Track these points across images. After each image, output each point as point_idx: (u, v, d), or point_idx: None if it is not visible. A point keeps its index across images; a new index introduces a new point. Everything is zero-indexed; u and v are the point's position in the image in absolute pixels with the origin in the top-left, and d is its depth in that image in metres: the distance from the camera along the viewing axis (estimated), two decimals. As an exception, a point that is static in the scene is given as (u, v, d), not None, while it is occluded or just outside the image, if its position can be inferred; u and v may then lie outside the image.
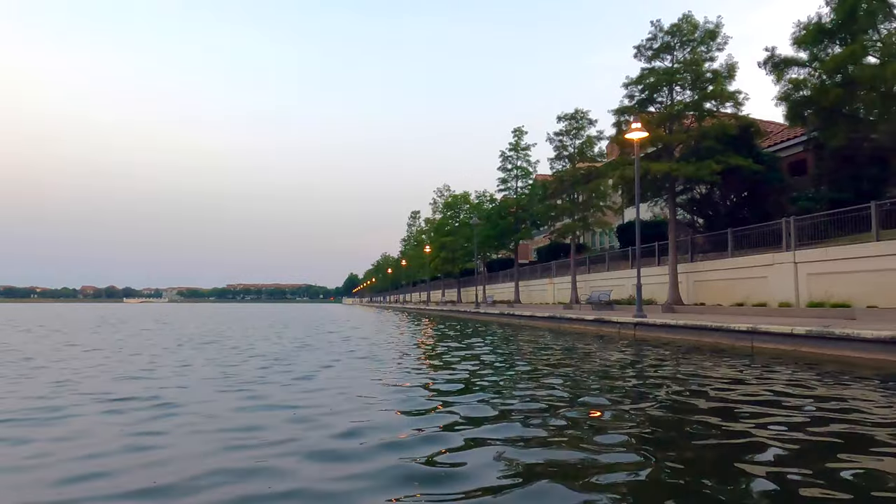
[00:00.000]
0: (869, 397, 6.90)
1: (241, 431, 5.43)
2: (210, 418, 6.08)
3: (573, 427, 5.59)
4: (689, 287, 23.62)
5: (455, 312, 44.29)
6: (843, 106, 14.23)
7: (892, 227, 16.05)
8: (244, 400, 7.18)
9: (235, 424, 5.76)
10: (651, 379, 8.76)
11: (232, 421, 5.94)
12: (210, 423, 5.86)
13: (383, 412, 6.39)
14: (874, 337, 9.98)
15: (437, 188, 65.85)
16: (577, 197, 32.63)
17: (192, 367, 10.89)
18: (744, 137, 22.95)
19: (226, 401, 7.13)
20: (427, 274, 72.07)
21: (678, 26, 22.56)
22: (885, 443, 4.83)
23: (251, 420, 5.96)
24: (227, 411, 6.47)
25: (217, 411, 6.46)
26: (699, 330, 14.72)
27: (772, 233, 20.11)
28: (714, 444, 4.90)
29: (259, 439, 5.12)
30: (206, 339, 19.06)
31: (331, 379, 9.14)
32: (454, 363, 11.32)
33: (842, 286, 16.50)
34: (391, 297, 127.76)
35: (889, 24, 13.95)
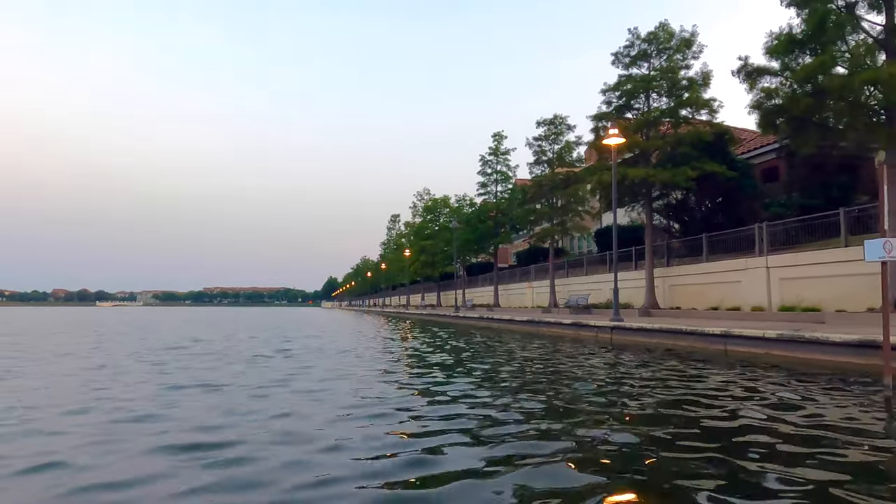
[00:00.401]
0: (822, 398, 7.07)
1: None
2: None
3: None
4: (665, 291, 23.93)
5: (434, 316, 44.26)
6: (814, 114, 14.52)
7: (860, 233, 16.46)
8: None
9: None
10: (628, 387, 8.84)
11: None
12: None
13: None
14: (842, 340, 10.22)
15: (418, 192, 65.86)
16: (555, 201, 32.87)
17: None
18: (718, 144, 23.38)
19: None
20: (407, 278, 71.92)
21: (655, 34, 22.90)
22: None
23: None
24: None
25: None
26: (674, 334, 14.93)
27: (745, 238, 20.50)
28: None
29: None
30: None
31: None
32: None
33: (812, 291, 16.88)
34: (371, 300, 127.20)
35: (857, 36, 14.30)
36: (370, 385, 8.87)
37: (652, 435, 5.38)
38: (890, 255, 7.19)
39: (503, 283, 45.69)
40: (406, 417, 6.38)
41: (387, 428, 5.79)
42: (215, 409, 6.82)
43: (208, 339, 20.84)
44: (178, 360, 13.21)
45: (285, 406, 7.02)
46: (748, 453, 4.68)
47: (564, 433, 5.50)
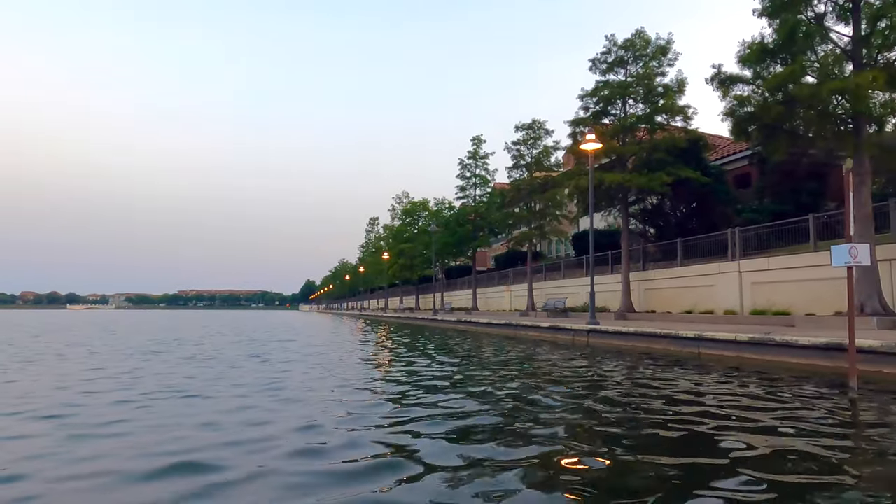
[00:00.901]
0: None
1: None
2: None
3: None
4: (640, 295, 24.22)
5: (413, 319, 44.17)
6: (784, 122, 14.84)
7: (828, 238, 16.88)
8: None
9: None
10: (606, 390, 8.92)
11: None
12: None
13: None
14: (810, 343, 10.45)
15: (396, 195, 65.84)
16: (533, 205, 33.09)
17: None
18: (693, 150, 23.79)
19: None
20: (385, 281, 71.72)
21: (631, 41, 23.24)
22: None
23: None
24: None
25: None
26: (649, 337, 15.10)
27: (718, 243, 20.87)
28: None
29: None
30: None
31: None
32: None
33: (783, 294, 17.24)
34: (349, 303, 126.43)
35: (825, 46, 14.67)
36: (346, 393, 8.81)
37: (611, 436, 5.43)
38: (855, 261, 7.37)
39: (482, 286, 45.81)
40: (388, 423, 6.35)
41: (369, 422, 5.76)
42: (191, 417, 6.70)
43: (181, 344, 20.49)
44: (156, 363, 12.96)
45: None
46: (716, 455, 4.74)
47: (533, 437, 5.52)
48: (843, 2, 14.12)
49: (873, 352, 9.16)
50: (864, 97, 12.96)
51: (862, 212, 13.68)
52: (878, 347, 9.14)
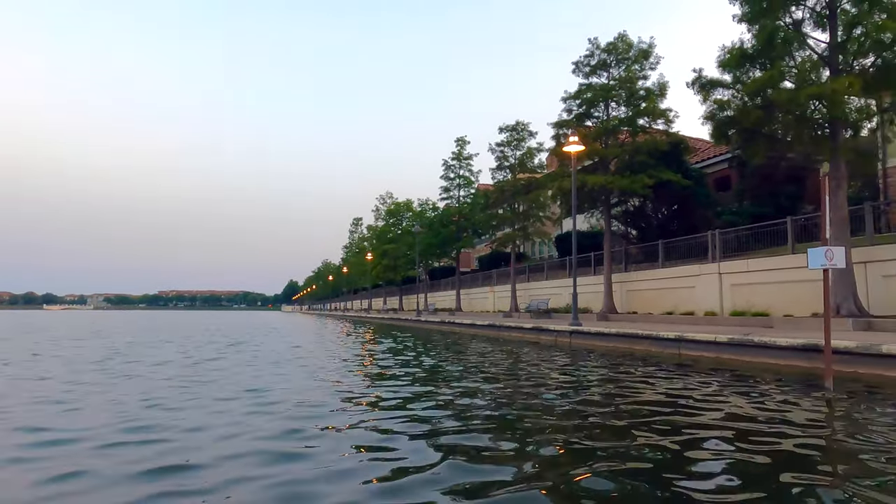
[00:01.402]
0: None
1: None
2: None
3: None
4: (622, 296, 24.42)
5: (396, 320, 44.06)
6: (763, 126, 15.06)
7: (806, 240, 17.16)
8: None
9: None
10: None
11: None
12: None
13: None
14: (788, 344, 10.62)
15: (380, 195, 65.49)
16: (517, 207, 33.22)
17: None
18: (674, 153, 24.05)
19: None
20: (369, 281, 71.45)
21: (614, 45, 23.43)
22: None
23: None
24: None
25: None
26: (631, 338, 15.23)
27: (699, 245, 21.12)
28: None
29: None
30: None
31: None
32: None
33: (761, 296, 17.49)
34: (332, 304, 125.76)
35: (803, 52, 14.93)
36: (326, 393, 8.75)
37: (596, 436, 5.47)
38: (831, 263, 7.51)
39: (465, 287, 45.84)
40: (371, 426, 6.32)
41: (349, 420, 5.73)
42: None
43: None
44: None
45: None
46: (698, 451, 4.80)
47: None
48: (821, 9, 14.37)
49: (848, 352, 9.34)
50: (840, 102, 13.20)
51: (838, 215, 13.93)
52: (854, 348, 9.32)
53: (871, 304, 14.30)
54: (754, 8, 14.64)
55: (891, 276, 14.23)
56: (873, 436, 5.47)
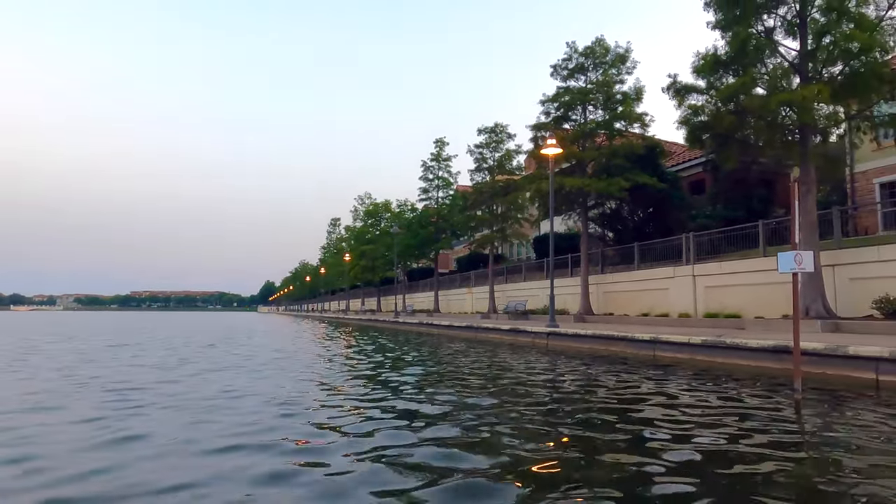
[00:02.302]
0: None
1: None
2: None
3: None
4: (599, 297, 24.66)
5: (374, 322, 43.89)
6: (736, 132, 15.37)
7: (776, 244, 17.55)
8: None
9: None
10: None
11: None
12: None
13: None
14: (759, 346, 10.83)
15: (359, 196, 65.17)
16: (496, 208, 33.34)
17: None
18: (650, 157, 24.39)
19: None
20: (347, 282, 71.06)
21: (592, 49, 23.67)
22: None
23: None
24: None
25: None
26: (607, 339, 15.38)
27: (673, 247, 21.44)
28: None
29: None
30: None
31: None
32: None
33: (734, 298, 17.82)
34: (309, 305, 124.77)
35: (775, 60, 15.28)
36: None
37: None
38: (800, 267, 7.67)
39: (444, 288, 45.86)
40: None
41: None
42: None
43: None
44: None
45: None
46: (654, 455, 4.85)
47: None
48: (791, 17, 14.72)
49: (817, 354, 9.56)
50: (809, 109, 13.54)
51: (807, 219, 14.28)
52: (822, 350, 9.54)
53: (838, 305, 14.67)
54: (728, 15, 14.93)
55: (857, 278, 14.62)
56: (839, 436, 5.61)
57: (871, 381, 8.68)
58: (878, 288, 13.73)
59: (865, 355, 8.90)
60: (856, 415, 6.65)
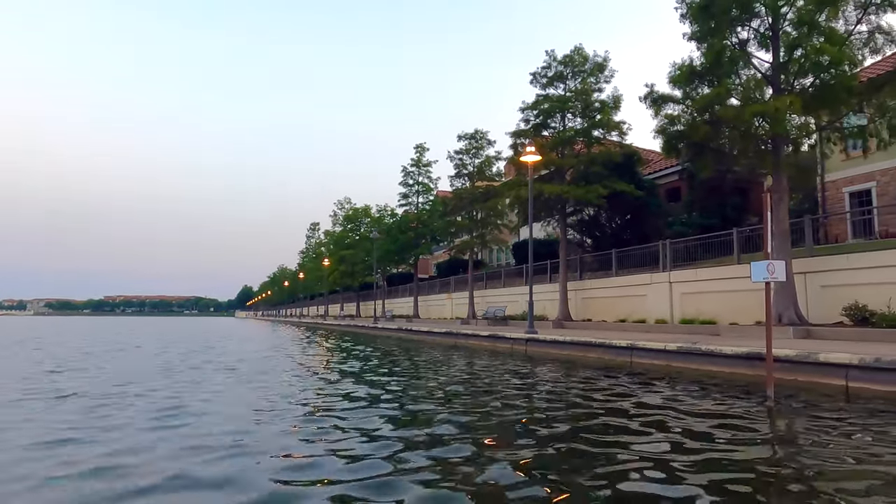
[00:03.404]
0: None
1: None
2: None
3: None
4: (577, 303, 24.83)
5: (353, 327, 43.57)
6: (711, 141, 15.62)
7: (750, 251, 17.86)
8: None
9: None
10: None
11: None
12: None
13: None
14: (733, 353, 11.00)
15: (338, 200, 64.97)
16: (475, 214, 33.41)
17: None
18: (627, 165, 24.68)
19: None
20: (326, 287, 70.49)
21: (570, 57, 23.89)
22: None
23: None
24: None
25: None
26: (585, 346, 15.48)
27: (650, 254, 21.69)
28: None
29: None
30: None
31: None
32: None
33: (709, 304, 18.07)
34: (287, 310, 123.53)
35: (748, 71, 15.59)
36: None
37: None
38: (772, 277, 7.81)
39: (423, 294, 45.77)
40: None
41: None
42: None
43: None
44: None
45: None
46: (626, 464, 4.89)
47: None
48: (764, 30, 15.03)
49: (789, 361, 9.73)
50: (782, 120, 13.81)
51: (780, 227, 14.57)
52: (794, 357, 9.71)
53: (810, 312, 14.97)
54: (703, 27, 15.19)
55: (828, 286, 14.93)
56: (808, 442, 5.70)
57: (842, 387, 8.86)
58: (848, 295, 14.05)
59: (835, 362, 9.08)
60: (826, 423, 6.77)
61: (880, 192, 21.56)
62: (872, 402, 7.87)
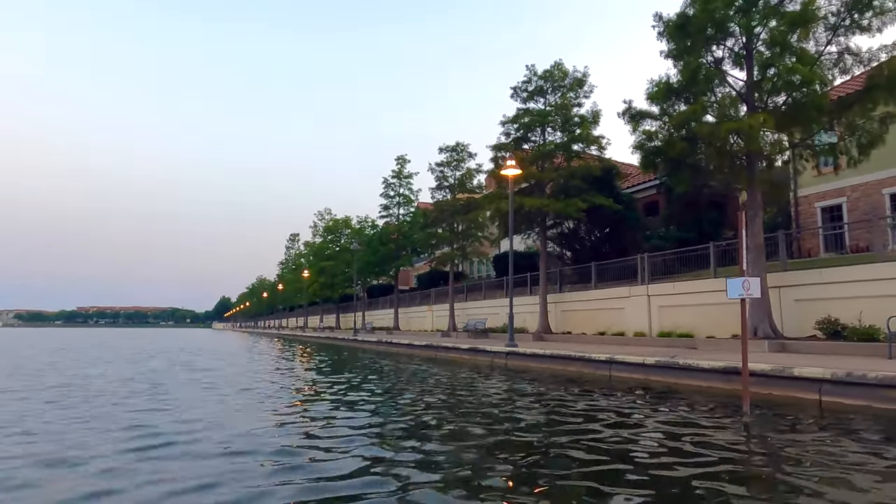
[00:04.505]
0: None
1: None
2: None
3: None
4: (557, 316, 24.93)
5: (332, 340, 43.18)
6: (687, 157, 15.89)
7: (726, 264, 18.14)
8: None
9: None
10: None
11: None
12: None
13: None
14: (710, 367, 11.11)
15: (319, 211, 64.61)
16: (456, 226, 33.52)
17: None
18: (606, 178, 24.98)
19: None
20: (305, 299, 69.90)
21: (550, 72, 24.20)
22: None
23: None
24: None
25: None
26: (564, 359, 15.52)
27: (629, 267, 21.90)
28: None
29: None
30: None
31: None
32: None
33: (686, 317, 18.28)
34: (266, 322, 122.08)
35: (724, 89, 15.93)
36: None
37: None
38: (748, 294, 7.92)
39: (404, 305, 45.60)
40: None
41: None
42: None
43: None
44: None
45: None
46: (618, 475, 4.89)
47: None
48: (738, 49, 15.38)
49: (764, 375, 9.86)
50: (756, 137, 14.12)
51: (755, 242, 14.83)
52: (769, 371, 9.84)
53: (784, 326, 15.22)
54: (679, 45, 15.50)
55: (802, 300, 15.21)
56: (783, 459, 5.76)
57: (815, 401, 8.98)
58: (821, 309, 14.32)
59: (809, 377, 9.22)
60: (801, 437, 6.85)
61: (850, 207, 22.09)
62: (846, 417, 7.98)
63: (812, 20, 13.77)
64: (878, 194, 21.23)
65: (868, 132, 14.22)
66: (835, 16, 14.26)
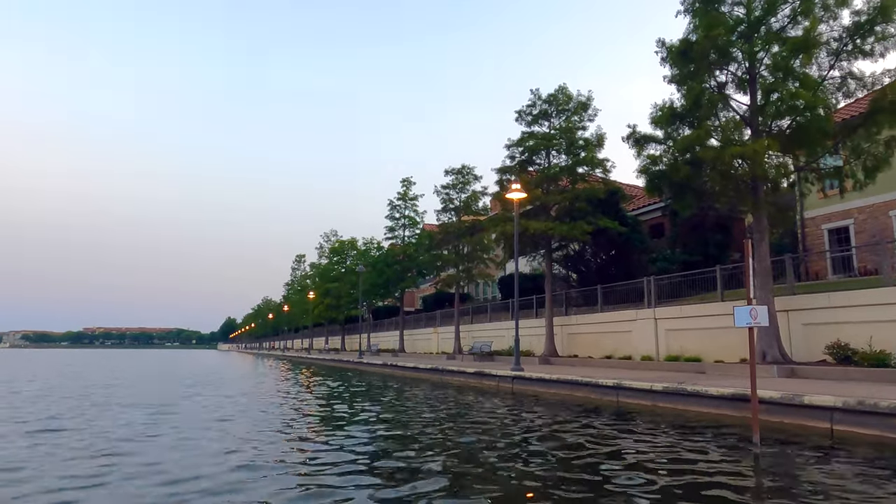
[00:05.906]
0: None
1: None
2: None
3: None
4: (563, 339, 24.76)
5: (337, 362, 43.00)
6: (692, 181, 15.87)
7: (733, 287, 18.02)
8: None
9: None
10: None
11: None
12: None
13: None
14: (718, 394, 10.96)
15: (325, 233, 64.73)
16: (461, 248, 33.52)
17: None
18: (611, 201, 25.01)
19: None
20: (310, 320, 69.78)
21: (555, 96, 24.39)
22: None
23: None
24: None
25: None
26: (571, 385, 15.37)
27: (635, 290, 21.79)
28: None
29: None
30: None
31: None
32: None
33: (694, 341, 18.11)
34: (271, 343, 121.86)
35: (727, 113, 15.99)
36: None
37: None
38: (755, 322, 7.85)
39: (409, 327, 45.44)
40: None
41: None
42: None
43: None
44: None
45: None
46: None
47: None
48: (742, 74, 15.48)
49: (774, 402, 9.72)
50: (760, 162, 14.12)
51: (762, 265, 14.76)
52: (779, 399, 9.70)
53: (793, 350, 15.05)
54: (682, 70, 15.61)
55: (810, 324, 15.05)
56: (799, 493, 5.64)
57: (827, 430, 8.84)
58: (830, 333, 14.17)
59: (820, 405, 9.07)
60: (814, 473, 6.71)
61: (858, 229, 21.99)
62: (856, 448, 7.83)
63: (814, 46, 13.87)
64: (886, 216, 21.16)
65: (873, 156, 14.22)
66: (837, 41, 14.37)
